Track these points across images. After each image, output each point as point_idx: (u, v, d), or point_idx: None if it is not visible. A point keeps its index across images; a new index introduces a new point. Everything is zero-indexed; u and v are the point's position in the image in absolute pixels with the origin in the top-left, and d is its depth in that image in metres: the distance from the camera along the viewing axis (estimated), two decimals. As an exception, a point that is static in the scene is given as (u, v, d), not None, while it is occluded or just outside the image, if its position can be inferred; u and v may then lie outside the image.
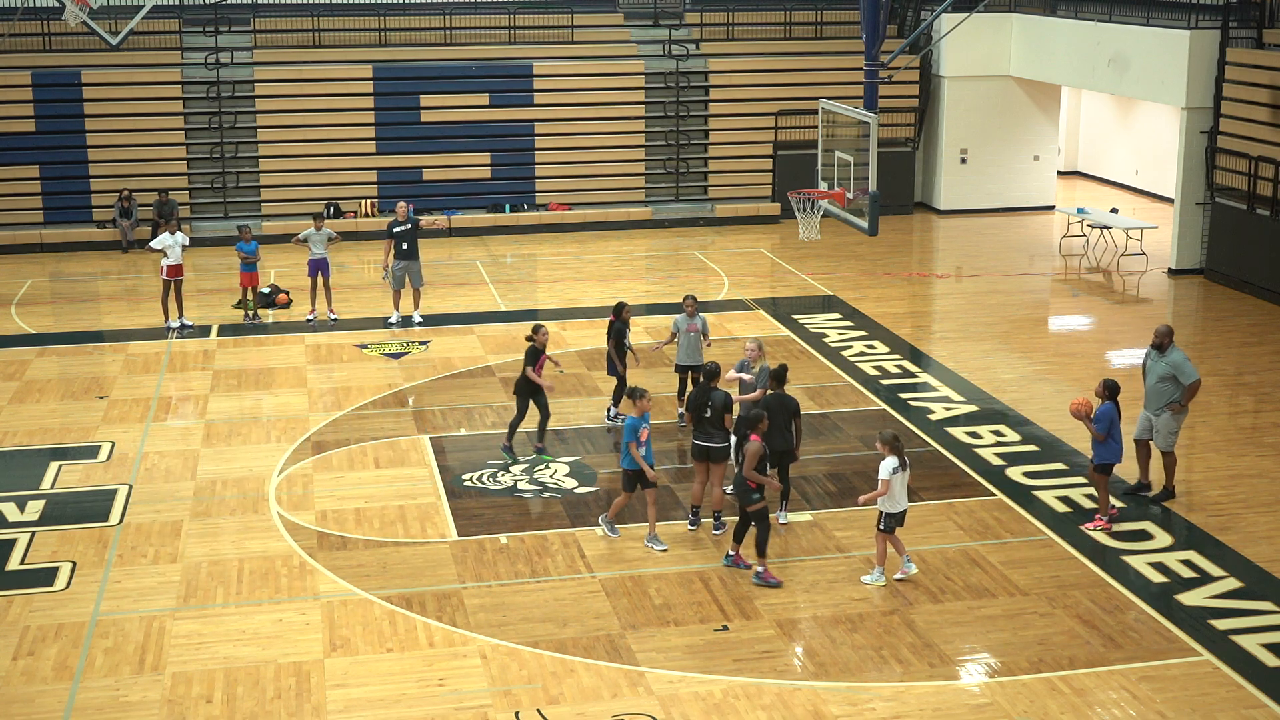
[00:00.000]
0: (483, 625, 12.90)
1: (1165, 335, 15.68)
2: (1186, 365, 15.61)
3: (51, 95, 29.55)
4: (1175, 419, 15.68)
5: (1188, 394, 15.58)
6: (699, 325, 17.82)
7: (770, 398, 14.78)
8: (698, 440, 14.79)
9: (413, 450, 17.45)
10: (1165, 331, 15.72)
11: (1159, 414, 15.69)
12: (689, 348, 17.84)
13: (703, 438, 14.75)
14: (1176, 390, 15.59)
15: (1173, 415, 15.65)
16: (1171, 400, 15.60)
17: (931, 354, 21.73)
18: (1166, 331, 15.72)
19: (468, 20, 32.16)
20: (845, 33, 32.87)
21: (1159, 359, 15.66)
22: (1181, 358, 15.65)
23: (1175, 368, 15.56)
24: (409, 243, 22.68)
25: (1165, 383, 15.61)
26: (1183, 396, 15.58)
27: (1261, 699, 11.64)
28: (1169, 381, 15.59)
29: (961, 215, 32.77)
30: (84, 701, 11.68)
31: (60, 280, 26.78)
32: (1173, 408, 15.62)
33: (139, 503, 15.85)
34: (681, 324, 17.87)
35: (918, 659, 12.29)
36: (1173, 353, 15.64)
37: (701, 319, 17.92)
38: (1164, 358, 15.62)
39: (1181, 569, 14.07)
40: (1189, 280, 26.39)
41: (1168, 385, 15.61)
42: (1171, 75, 26.56)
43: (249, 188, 30.37)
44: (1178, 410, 15.64)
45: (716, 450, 14.76)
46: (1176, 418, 15.68)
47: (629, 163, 31.63)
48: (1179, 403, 15.59)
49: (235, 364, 21.09)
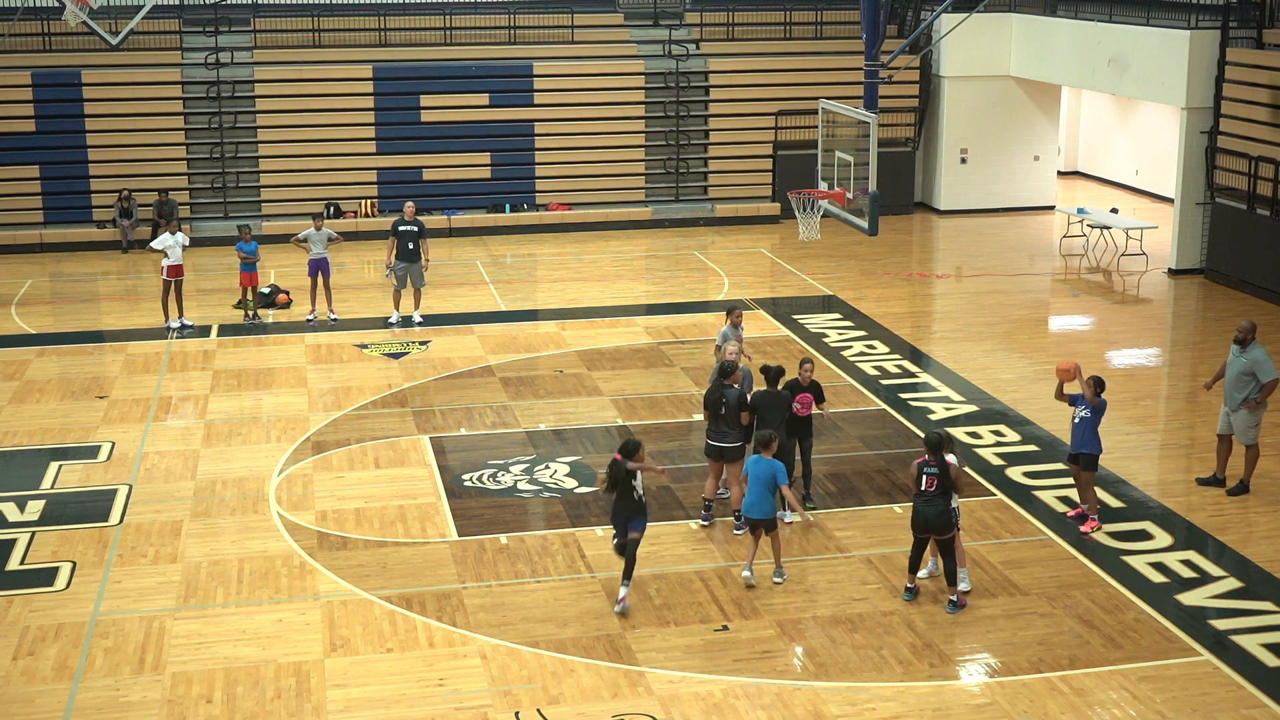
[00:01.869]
0: (483, 625, 12.91)
1: (1248, 331, 15.60)
2: (1267, 363, 15.53)
3: (51, 95, 29.54)
4: (1253, 415, 15.63)
5: (1266, 391, 15.52)
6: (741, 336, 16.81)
7: (761, 394, 14.81)
8: (711, 440, 14.79)
9: (413, 450, 17.45)
10: (1248, 327, 15.63)
11: (1237, 410, 15.66)
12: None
13: (716, 437, 14.75)
14: (1255, 386, 15.53)
15: (1250, 412, 15.61)
16: (1249, 397, 15.56)
17: (931, 354, 21.73)
18: (1250, 327, 15.63)
19: (468, 20, 32.16)
20: (845, 33, 32.86)
21: (1240, 354, 15.60)
22: (1263, 355, 15.58)
23: (1255, 364, 15.51)
24: (413, 243, 22.69)
25: (1244, 377, 15.57)
26: (1260, 394, 15.52)
27: (1261, 699, 11.64)
28: (1248, 377, 15.55)
29: (961, 215, 32.77)
30: (84, 701, 11.68)
31: (60, 280, 26.78)
32: (1249, 405, 15.58)
33: (139, 503, 15.86)
34: (726, 335, 16.70)
35: (918, 659, 12.29)
36: (1254, 349, 15.56)
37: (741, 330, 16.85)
38: (1245, 353, 15.57)
39: (1181, 569, 14.07)
40: (1189, 280, 26.39)
41: (1246, 380, 15.57)
42: (1171, 75, 26.56)
43: (249, 188, 30.37)
44: (1254, 408, 15.59)
45: (730, 450, 14.75)
46: (1254, 414, 15.62)
47: (629, 163, 31.63)
48: (1255, 400, 15.54)
49: (235, 364, 21.09)
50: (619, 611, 13.06)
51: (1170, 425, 18.73)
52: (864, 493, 16.04)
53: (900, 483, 16.20)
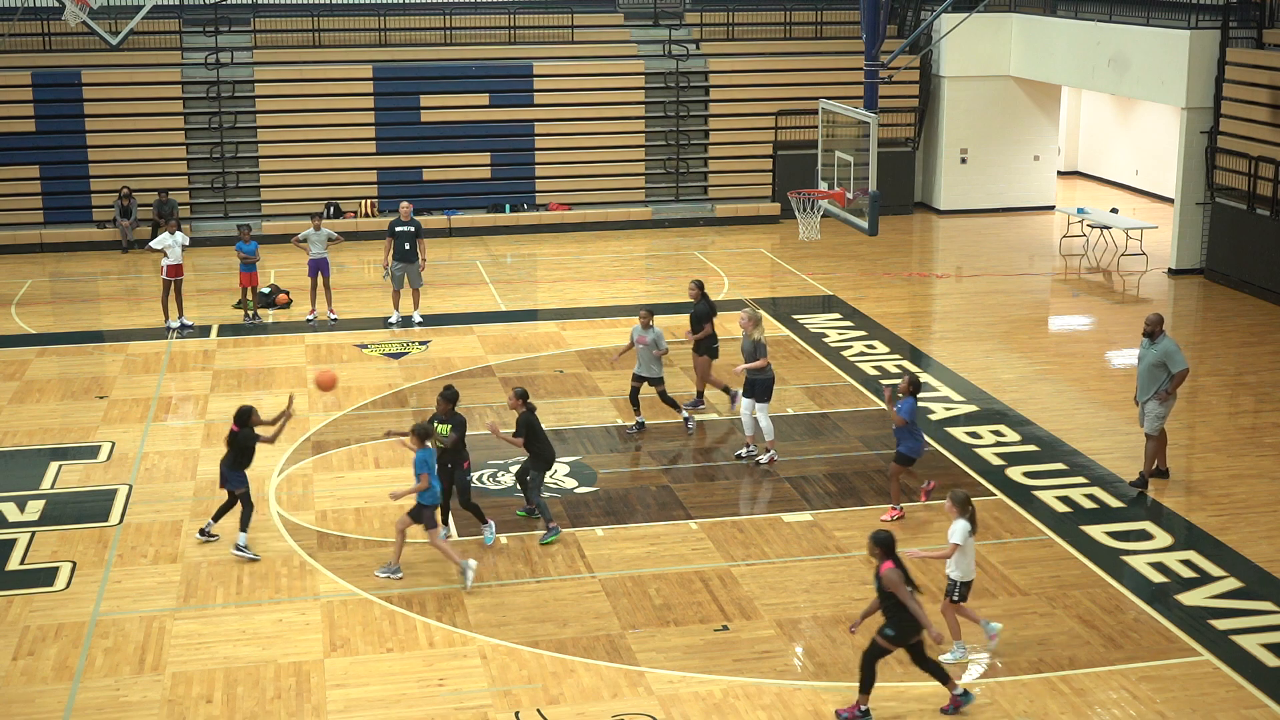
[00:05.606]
0: (483, 625, 12.91)
1: (1156, 323, 15.88)
2: (1177, 354, 15.77)
3: (51, 95, 29.54)
4: (1162, 406, 15.84)
5: (1175, 382, 15.73)
6: (649, 338, 17.68)
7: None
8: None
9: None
10: (1156, 320, 15.91)
11: (1148, 401, 15.85)
12: (641, 359, 17.83)
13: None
14: (1166, 377, 15.74)
15: (1159, 403, 15.81)
16: (1160, 388, 15.75)
17: (931, 354, 21.73)
18: (1157, 320, 15.91)
19: (468, 20, 32.16)
20: (845, 33, 32.86)
21: (1150, 346, 15.87)
22: (1173, 346, 15.82)
23: (1166, 355, 15.73)
24: (410, 243, 22.69)
25: (1156, 369, 15.77)
26: (1170, 384, 15.71)
27: (1261, 699, 11.64)
28: (1159, 368, 15.75)
29: (961, 215, 32.77)
30: (84, 701, 11.68)
31: (60, 280, 26.78)
32: (1159, 396, 15.77)
33: (139, 503, 15.86)
34: (635, 334, 17.85)
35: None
36: (1164, 340, 15.84)
37: (656, 332, 17.71)
38: (1155, 345, 15.82)
39: (1181, 569, 14.07)
40: (1189, 280, 26.39)
41: (1158, 372, 15.77)
42: (1171, 75, 26.56)
43: (249, 188, 30.37)
44: (1164, 399, 15.79)
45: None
46: (1164, 405, 15.84)
47: (629, 163, 31.62)
48: (1166, 391, 15.73)
49: (235, 364, 21.09)
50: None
51: (1170, 425, 18.65)
52: (864, 493, 16.05)
53: (901, 482, 16.20)
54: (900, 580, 10.99)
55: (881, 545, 11.13)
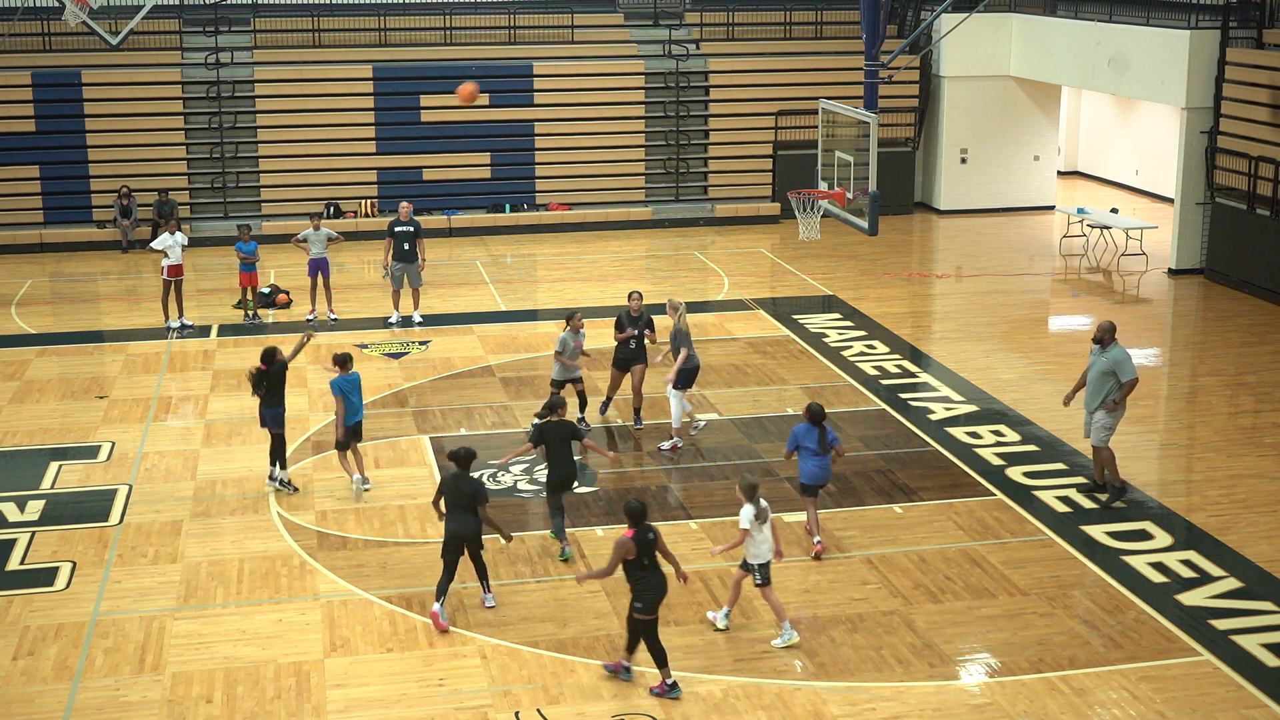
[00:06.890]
0: (483, 625, 12.91)
1: (1108, 331, 15.48)
2: (1127, 363, 15.36)
3: (51, 95, 29.54)
4: (1110, 416, 15.45)
5: (1124, 391, 15.33)
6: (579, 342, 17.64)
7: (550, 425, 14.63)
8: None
9: (413, 450, 17.45)
10: (1108, 327, 15.51)
11: (1096, 410, 15.52)
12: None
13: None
14: (1115, 386, 15.37)
15: (1108, 413, 15.44)
16: (1108, 397, 15.41)
17: (931, 354, 21.73)
18: (1109, 328, 15.51)
19: (468, 20, 32.16)
20: (845, 33, 32.86)
21: (1100, 354, 15.47)
22: (1124, 355, 15.40)
23: (1116, 363, 15.33)
24: (409, 244, 22.69)
25: (1105, 377, 15.41)
26: (1119, 393, 15.36)
27: (1261, 699, 11.64)
28: (1109, 376, 15.39)
29: (961, 215, 32.77)
30: (84, 701, 11.68)
31: (60, 280, 26.78)
32: (1107, 405, 15.40)
33: (139, 503, 15.86)
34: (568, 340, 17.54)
35: (918, 659, 12.29)
36: (1114, 349, 15.43)
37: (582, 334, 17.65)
38: (1105, 353, 15.43)
39: (1181, 569, 14.07)
40: (1189, 280, 26.39)
41: (1107, 380, 15.41)
42: (1171, 75, 26.56)
43: (249, 188, 30.37)
44: (1112, 408, 15.41)
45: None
46: (1112, 415, 15.45)
47: (629, 163, 31.62)
48: (1114, 400, 15.38)
49: (235, 364, 21.08)
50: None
51: (1170, 425, 18.73)
52: (864, 493, 16.05)
53: (900, 482, 16.22)
54: (617, 546, 11.56)
55: (627, 514, 11.69)
